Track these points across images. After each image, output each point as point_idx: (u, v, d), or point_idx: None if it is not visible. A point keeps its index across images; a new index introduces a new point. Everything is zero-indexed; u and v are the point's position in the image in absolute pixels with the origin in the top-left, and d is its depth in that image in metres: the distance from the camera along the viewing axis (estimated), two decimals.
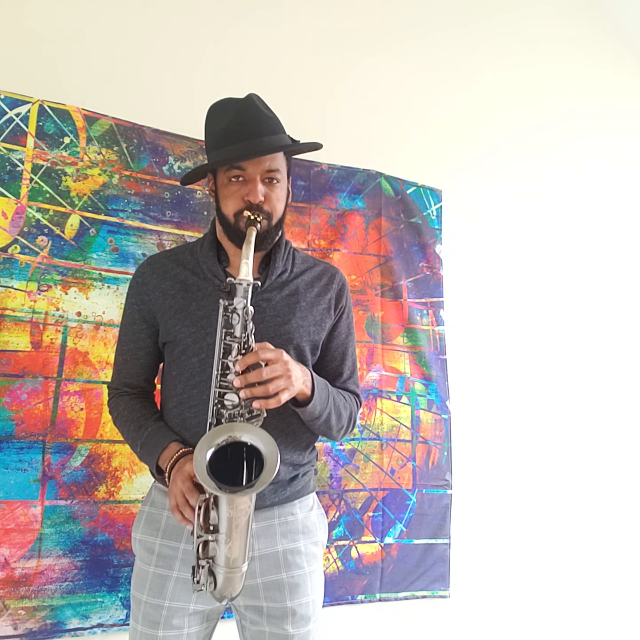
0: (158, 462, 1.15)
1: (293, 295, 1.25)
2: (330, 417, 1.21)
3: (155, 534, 1.20)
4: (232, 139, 1.16)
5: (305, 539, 1.25)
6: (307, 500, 1.28)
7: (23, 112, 1.72)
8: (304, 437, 1.26)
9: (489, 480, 2.33)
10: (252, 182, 1.17)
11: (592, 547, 2.49)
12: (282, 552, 1.21)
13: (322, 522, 1.32)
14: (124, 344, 1.30)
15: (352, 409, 1.30)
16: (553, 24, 2.79)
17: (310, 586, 1.23)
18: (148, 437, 1.19)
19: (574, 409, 2.55)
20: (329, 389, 1.22)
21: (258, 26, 2.16)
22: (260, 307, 1.19)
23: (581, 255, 2.70)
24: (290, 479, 1.23)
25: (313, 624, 1.23)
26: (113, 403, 1.30)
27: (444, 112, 2.48)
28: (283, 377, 1.04)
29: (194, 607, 1.18)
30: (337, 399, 1.24)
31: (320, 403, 1.17)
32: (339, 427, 1.26)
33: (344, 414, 1.25)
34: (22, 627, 1.58)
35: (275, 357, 1.05)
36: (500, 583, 2.30)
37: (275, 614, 1.20)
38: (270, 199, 1.18)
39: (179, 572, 1.17)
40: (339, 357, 1.32)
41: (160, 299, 1.24)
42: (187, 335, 1.20)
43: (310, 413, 1.16)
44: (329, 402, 1.20)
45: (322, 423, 1.21)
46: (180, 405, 1.21)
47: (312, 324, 1.25)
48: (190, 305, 1.21)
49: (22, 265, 1.69)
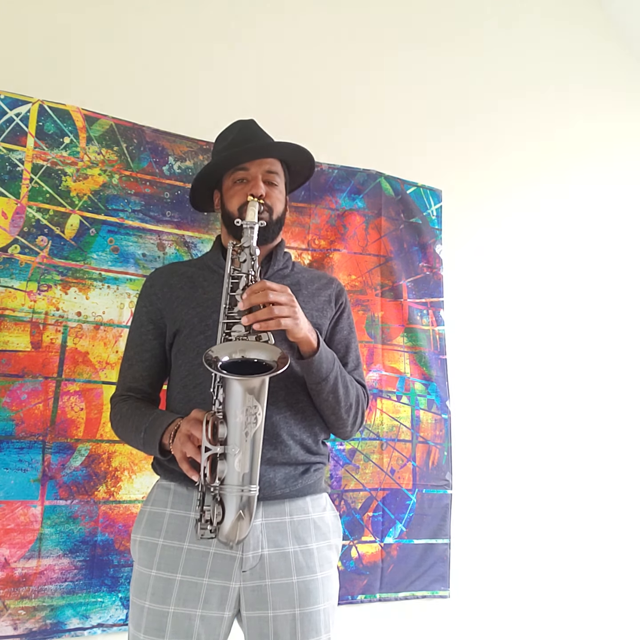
0: (162, 439, 1.11)
1: (295, 285, 1.30)
2: (337, 384, 1.19)
3: (158, 534, 1.16)
4: (236, 145, 1.29)
5: (318, 541, 1.20)
6: (319, 499, 1.25)
7: (23, 112, 1.72)
8: (314, 420, 1.23)
9: (489, 480, 2.33)
10: (254, 179, 1.27)
11: (592, 547, 2.49)
12: (293, 554, 1.16)
13: (336, 524, 1.28)
14: (130, 348, 1.31)
15: (359, 394, 1.27)
16: (554, 24, 2.80)
17: (323, 593, 1.17)
18: (153, 420, 1.15)
19: (574, 409, 2.55)
20: (334, 355, 1.22)
21: (259, 26, 2.16)
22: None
23: (581, 254, 2.70)
24: (302, 472, 1.20)
25: (325, 635, 1.16)
26: (115, 409, 1.27)
27: (444, 112, 2.48)
28: (287, 305, 1.07)
29: (201, 612, 1.11)
30: (343, 370, 1.24)
31: (327, 362, 1.16)
32: (347, 405, 1.22)
33: (351, 390, 1.23)
34: (22, 627, 1.58)
35: (281, 288, 1.09)
36: (500, 583, 2.30)
37: (282, 624, 1.12)
38: (271, 196, 1.28)
39: (183, 574, 1.11)
40: (342, 349, 1.33)
41: (168, 293, 1.28)
42: (193, 316, 1.23)
43: (316, 369, 1.15)
44: (335, 365, 1.19)
45: (329, 390, 1.18)
46: (185, 387, 1.21)
47: (314, 309, 1.29)
48: (196, 291, 1.27)
49: (22, 265, 1.69)
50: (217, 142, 1.41)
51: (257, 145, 1.30)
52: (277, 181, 1.31)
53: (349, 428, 1.27)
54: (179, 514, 1.17)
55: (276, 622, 1.13)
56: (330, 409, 1.22)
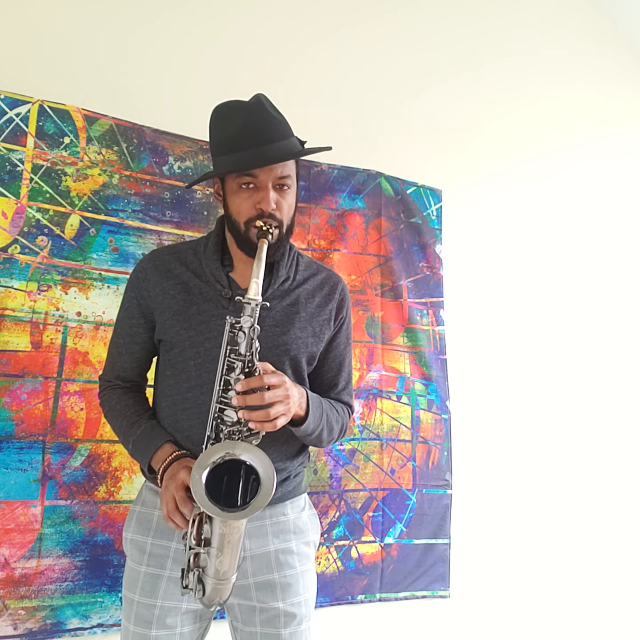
0: (151, 463, 1.15)
1: (294, 305, 1.24)
2: (322, 432, 1.23)
3: (147, 533, 1.20)
4: (243, 146, 1.12)
5: (297, 539, 1.25)
6: (298, 500, 1.29)
7: (23, 112, 1.72)
8: (295, 445, 1.27)
9: (489, 480, 2.33)
10: (264, 189, 1.13)
11: (592, 547, 2.49)
12: (274, 552, 1.21)
13: (314, 522, 1.32)
14: (120, 337, 1.29)
15: (344, 421, 1.32)
16: (555, 26, 2.79)
17: (303, 586, 1.23)
18: (141, 435, 1.18)
19: (574, 409, 2.55)
20: (322, 406, 1.23)
21: (258, 25, 2.16)
22: (259, 315, 1.17)
23: (581, 254, 2.70)
24: (281, 481, 1.23)
25: (305, 623, 1.23)
26: (105, 396, 1.29)
27: (444, 112, 2.48)
28: (283, 403, 1.05)
29: (186, 606, 1.18)
30: (330, 415, 1.25)
31: (314, 422, 1.18)
32: (330, 439, 1.29)
33: (335, 428, 1.28)
34: (22, 627, 1.58)
35: (279, 382, 1.06)
36: (500, 583, 2.30)
37: (267, 614, 1.20)
38: (282, 206, 1.16)
39: (171, 571, 1.18)
40: (335, 367, 1.33)
41: (160, 297, 1.22)
42: (185, 339, 1.19)
43: (303, 431, 1.17)
44: (322, 420, 1.21)
45: (314, 438, 1.23)
46: (173, 405, 1.21)
47: (310, 335, 1.25)
48: (190, 308, 1.20)
49: (22, 265, 1.69)
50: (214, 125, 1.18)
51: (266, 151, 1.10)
52: (289, 184, 1.17)
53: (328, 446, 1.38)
54: None
55: (262, 613, 1.20)
56: (312, 445, 1.30)
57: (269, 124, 1.12)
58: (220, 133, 1.17)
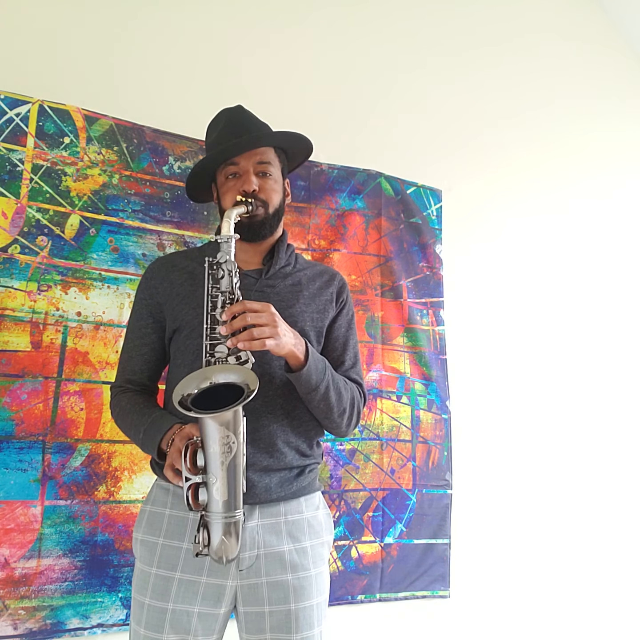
0: (160, 444, 1.13)
1: (296, 285, 1.30)
2: (328, 392, 1.19)
3: (158, 533, 1.19)
4: (224, 140, 1.24)
5: (312, 539, 1.23)
6: (313, 498, 1.27)
7: (23, 112, 1.72)
8: (310, 425, 1.25)
9: (489, 480, 2.33)
10: (246, 174, 1.24)
11: (592, 546, 2.49)
12: (288, 552, 1.19)
13: (329, 522, 1.30)
14: (130, 340, 1.31)
15: (354, 394, 1.28)
16: (556, 25, 2.80)
17: (316, 589, 1.21)
18: (152, 422, 1.16)
19: (574, 409, 2.55)
20: (326, 363, 1.22)
21: (258, 26, 2.16)
22: (264, 292, 1.25)
23: (581, 254, 2.70)
24: (296, 475, 1.23)
25: (317, 628, 1.20)
26: (115, 401, 1.29)
27: (444, 112, 2.48)
28: (269, 326, 1.06)
29: (199, 609, 1.15)
30: (336, 377, 1.23)
31: (316, 373, 1.16)
32: (340, 410, 1.23)
33: (344, 395, 1.23)
34: (22, 627, 1.58)
35: (262, 308, 1.08)
36: (500, 583, 2.30)
37: (278, 619, 1.17)
38: (265, 188, 1.25)
39: (182, 573, 1.15)
40: (340, 347, 1.32)
41: (168, 289, 1.27)
42: (194, 317, 1.21)
43: (305, 381, 1.15)
44: (326, 374, 1.19)
45: (320, 399, 1.19)
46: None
47: (315, 311, 1.28)
48: (197, 290, 1.23)
49: (22, 265, 1.69)
50: (207, 134, 1.35)
51: (243, 140, 1.24)
52: (270, 170, 1.27)
53: (344, 429, 1.29)
54: (178, 515, 1.19)
55: (272, 617, 1.17)
56: (322, 415, 1.23)
57: (248, 121, 1.29)
58: (208, 140, 1.34)
